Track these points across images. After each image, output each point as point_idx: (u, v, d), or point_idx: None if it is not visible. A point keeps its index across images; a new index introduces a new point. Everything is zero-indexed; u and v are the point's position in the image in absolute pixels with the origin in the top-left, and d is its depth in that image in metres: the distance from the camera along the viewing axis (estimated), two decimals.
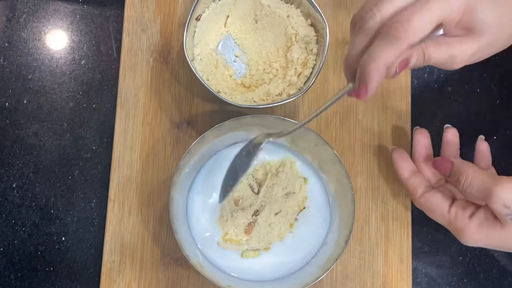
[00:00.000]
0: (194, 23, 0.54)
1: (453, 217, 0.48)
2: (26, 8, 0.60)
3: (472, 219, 0.46)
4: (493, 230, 0.45)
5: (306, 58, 0.55)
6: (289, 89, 0.54)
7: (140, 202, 0.56)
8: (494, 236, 0.45)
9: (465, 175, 0.46)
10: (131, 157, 0.57)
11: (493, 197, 0.43)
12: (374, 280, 0.56)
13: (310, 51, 0.55)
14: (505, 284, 0.58)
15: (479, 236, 0.46)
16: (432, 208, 0.49)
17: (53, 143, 0.58)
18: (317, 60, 0.54)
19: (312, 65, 0.54)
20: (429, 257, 0.58)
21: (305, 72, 0.54)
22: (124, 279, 0.55)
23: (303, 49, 0.55)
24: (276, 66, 0.56)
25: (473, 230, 0.46)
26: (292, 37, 0.55)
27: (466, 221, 0.46)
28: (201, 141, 0.50)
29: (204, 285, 0.55)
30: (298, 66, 0.54)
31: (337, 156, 0.51)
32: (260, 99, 0.54)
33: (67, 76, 0.59)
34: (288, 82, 0.54)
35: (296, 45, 0.55)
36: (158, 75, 0.58)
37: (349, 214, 0.51)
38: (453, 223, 0.48)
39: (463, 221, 0.46)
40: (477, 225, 0.46)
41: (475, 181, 0.45)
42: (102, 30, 0.60)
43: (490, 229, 0.45)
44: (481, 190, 0.44)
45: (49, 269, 0.56)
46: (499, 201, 0.43)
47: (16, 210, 0.57)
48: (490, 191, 0.43)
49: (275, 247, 0.54)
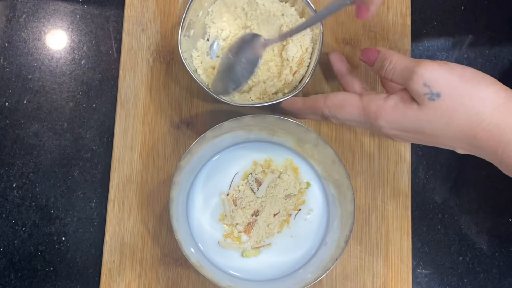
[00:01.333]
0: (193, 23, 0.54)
1: (367, 102, 0.46)
2: (26, 8, 0.60)
3: (387, 100, 0.45)
4: (409, 110, 0.44)
5: (301, 57, 0.55)
6: (284, 87, 0.54)
7: (140, 202, 0.56)
8: (410, 116, 0.44)
9: (389, 60, 0.46)
10: (131, 157, 0.57)
11: (414, 76, 0.42)
12: (374, 280, 0.56)
13: (305, 49, 0.55)
14: (505, 284, 0.58)
15: (394, 116, 0.45)
16: (347, 100, 0.48)
17: (53, 143, 0.58)
18: (312, 59, 0.54)
19: (307, 63, 0.54)
20: (429, 257, 0.58)
21: (300, 70, 0.54)
22: (124, 279, 0.55)
23: (298, 47, 0.55)
24: (271, 65, 0.56)
25: (388, 110, 0.45)
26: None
27: (380, 102, 0.45)
28: (201, 141, 0.50)
29: (204, 285, 0.55)
30: (294, 65, 0.55)
31: (337, 156, 0.51)
32: (256, 98, 0.54)
33: (67, 76, 0.59)
34: (283, 81, 0.54)
35: (291, 44, 0.55)
36: (158, 75, 0.58)
37: (349, 214, 0.51)
38: (366, 108, 0.46)
39: (378, 102, 0.46)
40: (393, 105, 0.45)
41: (398, 65, 0.45)
42: (102, 30, 0.60)
43: (406, 109, 0.44)
44: (403, 71, 0.44)
45: (49, 269, 0.56)
46: (419, 80, 0.42)
47: (16, 210, 0.57)
48: (412, 71, 0.43)
49: (275, 246, 0.54)
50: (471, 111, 0.41)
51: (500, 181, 0.59)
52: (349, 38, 0.59)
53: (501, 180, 0.59)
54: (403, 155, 0.58)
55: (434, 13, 0.61)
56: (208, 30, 0.57)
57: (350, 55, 0.59)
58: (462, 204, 0.59)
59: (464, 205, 0.59)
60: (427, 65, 0.42)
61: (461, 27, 0.61)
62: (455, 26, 0.61)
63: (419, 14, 0.61)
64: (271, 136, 0.54)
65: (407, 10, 0.60)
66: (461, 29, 0.61)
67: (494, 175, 0.59)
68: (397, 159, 0.58)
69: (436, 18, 0.61)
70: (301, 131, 0.52)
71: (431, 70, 0.42)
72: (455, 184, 0.59)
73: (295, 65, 0.55)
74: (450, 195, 0.59)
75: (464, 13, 0.62)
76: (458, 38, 0.61)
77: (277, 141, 0.55)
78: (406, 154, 0.58)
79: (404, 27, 0.59)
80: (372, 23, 0.60)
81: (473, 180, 0.59)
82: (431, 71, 0.42)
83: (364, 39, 0.59)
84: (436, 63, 0.42)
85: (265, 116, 0.51)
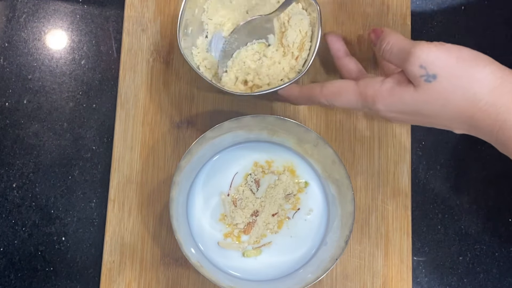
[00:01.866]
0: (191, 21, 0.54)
1: (363, 87, 0.46)
2: (26, 8, 0.60)
3: (384, 83, 0.45)
4: (406, 92, 0.44)
5: (302, 41, 0.55)
6: (288, 73, 0.54)
7: (140, 202, 0.56)
8: (407, 98, 0.44)
9: (387, 40, 0.46)
10: (131, 157, 0.57)
11: (410, 57, 0.42)
12: (374, 280, 0.56)
13: (304, 33, 0.55)
14: (505, 284, 0.58)
15: (391, 99, 0.45)
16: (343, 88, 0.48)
17: (53, 143, 0.58)
18: (312, 42, 0.54)
19: (308, 47, 0.54)
20: (429, 257, 0.58)
21: (302, 54, 0.54)
22: (124, 279, 0.55)
23: (297, 32, 0.55)
24: (273, 54, 0.56)
25: (384, 93, 0.45)
26: (285, 22, 0.55)
27: (377, 86, 0.45)
28: (201, 141, 0.50)
29: (204, 285, 0.55)
30: (295, 50, 0.55)
31: (337, 156, 0.51)
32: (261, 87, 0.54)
33: (67, 76, 0.59)
34: (287, 66, 0.54)
35: (289, 30, 0.55)
36: (158, 75, 0.58)
37: (349, 214, 0.51)
38: (363, 93, 0.46)
39: (374, 86, 0.45)
40: (389, 88, 0.45)
41: (395, 45, 0.45)
42: (102, 30, 0.60)
43: (402, 92, 0.44)
44: (400, 52, 0.44)
45: (49, 269, 0.56)
46: (416, 61, 0.42)
47: (16, 210, 0.57)
48: (408, 52, 0.43)
49: (275, 246, 0.54)
50: (468, 92, 0.41)
51: (500, 181, 0.59)
52: (349, 38, 0.59)
53: (501, 180, 0.59)
54: (403, 155, 0.58)
55: (434, 13, 0.61)
56: (206, 27, 0.57)
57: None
58: (462, 204, 0.59)
59: (464, 205, 0.59)
60: (423, 46, 0.42)
61: (461, 27, 0.61)
62: (455, 26, 0.61)
63: (419, 14, 0.61)
64: (271, 136, 0.54)
65: (407, 10, 0.60)
66: (461, 29, 0.61)
67: (494, 175, 0.59)
68: (397, 159, 0.58)
69: (436, 18, 0.61)
70: (301, 131, 0.52)
71: (428, 52, 0.42)
72: (455, 184, 0.59)
73: (296, 50, 0.55)
74: (450, 195, 0.59)
75: (464, 13, 0.62)
76: (458, 38, 0.61)
77: (277, 141, 0.55)
78: (406, 154, 0.58)
79: (404, 27, 0.59)
80: (372, 23, 0.60)
81: (473, 180, 0.59)
82: (427, 52, 0.42)
83: (364, 39, 0.59)
84: (432, 45, 0.42)
85: (265, 116, 0.51)
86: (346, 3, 0.60)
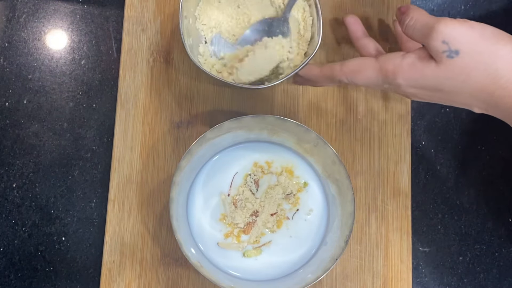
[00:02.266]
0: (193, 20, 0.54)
1: (383, 61, 0.46)
2: (26, 8, 0.60)
3: (405, 57, 0.45)
4: (427, 67, 0.43)
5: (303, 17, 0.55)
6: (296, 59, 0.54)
7: (140, 202, 0.56)
8: (428, 74, 0.43)
9: (411, 16, 0.45)
10: (131, 157, 0.57)
11: (433, 32, 0.42)
12: (374, 280, 0.56)
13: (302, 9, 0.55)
14: (505, 284, 0.58)
15: (412, 74, 0.44)
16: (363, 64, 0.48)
17: (53, 143, 0.58)
18: (313, 15, 0.54)
19: (310, 21, 0.54)
20: (429, 257, 0.58)
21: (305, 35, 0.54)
22: (124, 279, 0.55)
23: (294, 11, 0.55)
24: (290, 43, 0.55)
25: (405, 67, 0.45)
26: (281, 4, 0.55)
27: (397, 60, 0.45)
28: (201, 141, 0.50)
29: (204, 285, 0.55)
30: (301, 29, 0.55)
31: (337, 156, 0.51)
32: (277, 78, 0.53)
33: (67, 76, 0.59)
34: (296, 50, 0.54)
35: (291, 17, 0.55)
36: (158, 75, 0.58)
37: (349, 214, 0.51)
38: (383, 68, 0.46)
39: (395, 61, 0.45)
40: (410, 63, 0.45)
41: (418, 21, 0.45)
42: (102, 30, 0.60)
43: (424, 67, 0.44)
44: (423, 28, 0.44)
45: (49, 269, 0.56)
46: (439, 37, 0.42)
47: (16, 210, 0.57)
48: (432, 27, 0.43)
49: (275, 247, 0.54)
50: (490, 68, 0.41)
51: (500, 181, 0.59)
52: (349, 38, 0.59)
53: (501, 180, 0.59)
54: (403, 155, 0.58)
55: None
56: (202, 33, 0.56)
57: (350, 55, 0.59)
58: (462, 204, 0.59)
59: (464, 205, 0.59)
60: (447, 22, 0.42)
61: None
62: None
63: None
64: (271, 136, 0.54)
65: None
66: None
67: (494, 175, 0.59)
68: (397, 159, 0.58)
69: None
70: (301, 131, 0.52)
71: (451, 27, 0.42)
72: (455, 184, 0.59)
73: (302, 29, 0.55)
74: (450, 195, 0.59)
75: (464, 13, 0.62)
76: None
77: (277, 141, 0.55)
78: (406, 154, 0.58)
79: None
80: (373, 23, 0.60)
81: (473, 180, 0.59)
82: (451, 28, 0.42)
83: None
84: (456, 21, 0.42)
85: (265, 116, 0.51)
86: (346, 3, 0.60)
